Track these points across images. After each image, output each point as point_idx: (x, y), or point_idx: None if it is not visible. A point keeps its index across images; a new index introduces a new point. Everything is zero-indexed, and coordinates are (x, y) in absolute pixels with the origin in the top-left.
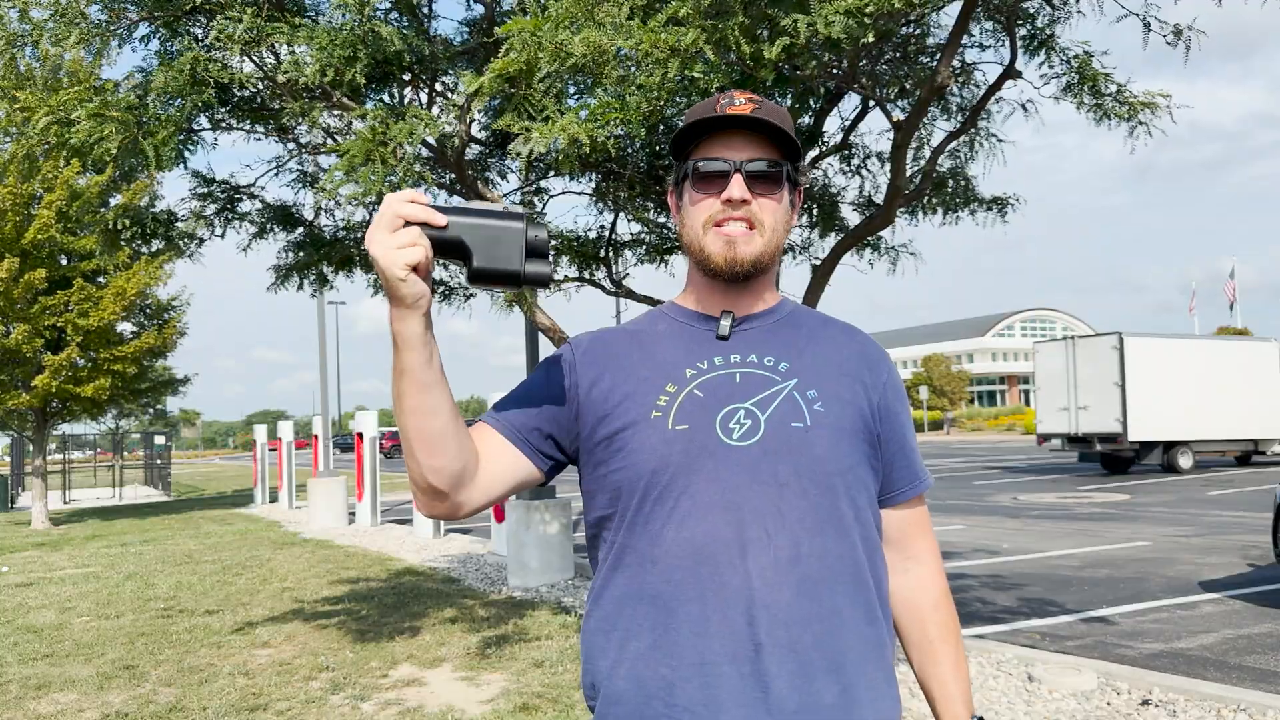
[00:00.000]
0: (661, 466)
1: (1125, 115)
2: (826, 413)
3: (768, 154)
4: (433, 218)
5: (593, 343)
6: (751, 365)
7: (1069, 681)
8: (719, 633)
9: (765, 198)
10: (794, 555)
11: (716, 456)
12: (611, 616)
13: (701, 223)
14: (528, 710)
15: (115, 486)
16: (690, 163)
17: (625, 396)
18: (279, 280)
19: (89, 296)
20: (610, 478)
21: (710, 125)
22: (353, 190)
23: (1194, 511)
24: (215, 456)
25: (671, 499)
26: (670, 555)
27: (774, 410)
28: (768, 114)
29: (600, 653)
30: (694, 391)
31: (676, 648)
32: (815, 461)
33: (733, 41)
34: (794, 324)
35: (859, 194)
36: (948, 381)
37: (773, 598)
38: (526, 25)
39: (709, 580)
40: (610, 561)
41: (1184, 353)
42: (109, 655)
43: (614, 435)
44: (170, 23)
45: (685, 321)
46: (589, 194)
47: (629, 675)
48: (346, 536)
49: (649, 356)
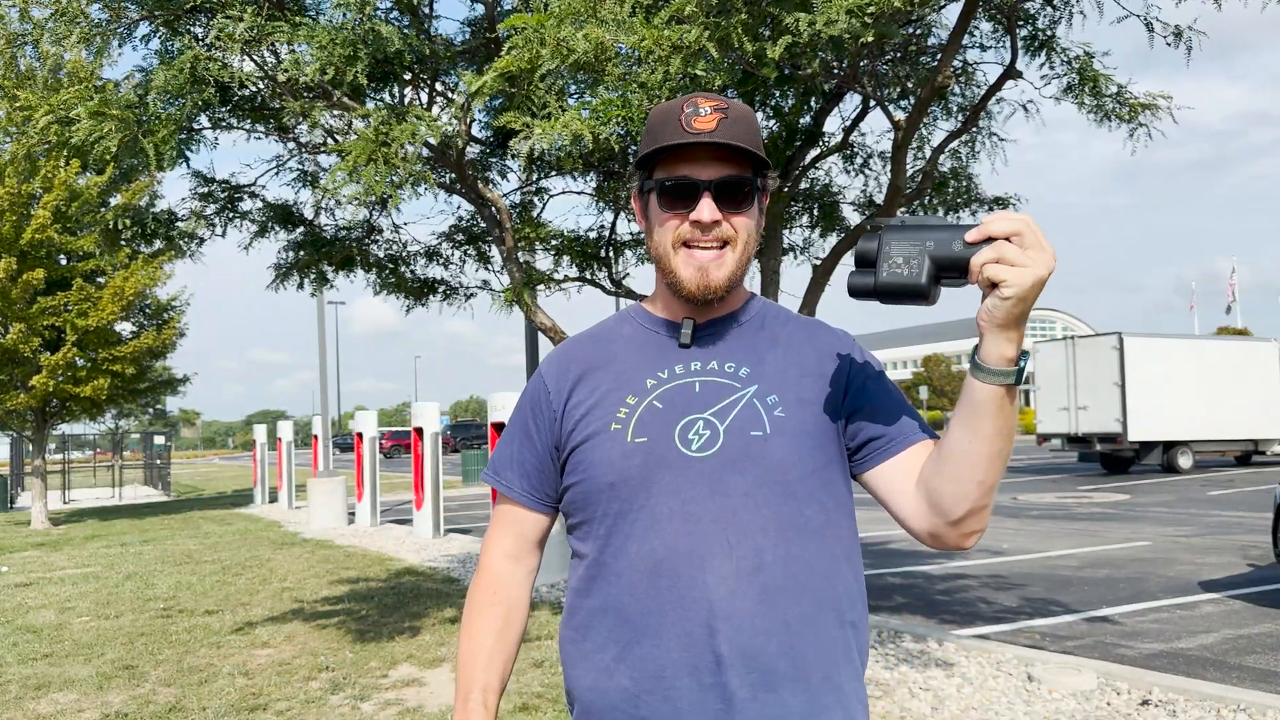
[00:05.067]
0: (621, 480)
1: (1126, 116)
2: (787, 418)
3: (736, 168)
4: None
5: (559, 362)
6: (711, 373)
7: (1069, 681)
8: (679, 644)
9: (735, 215)
10: (756, 564)
11: (675, 468)
12: (582, 627)
13: (670, 242)
14: (528, 710)
15: (115, 486)
16: (656, 180)
17: (589, 410)
18: (279, 279)
19: (88, 297)
20: (574, 490)
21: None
22: (354, 190)
23: (1194, 511)
24: (215, 456)
25: (632, 513)
26: (632, 569)
27: (733, 419)
28: (733, 126)
29: (572, 662)
30: (654, 403)
31: (639, 660)
32: (775, 469)
33: (735, 39)
34: (757, 327)
35: (859, 194)
36: (948, 381)
37: (733, 607)
38: (529, 21)
39: (668, 592)
40: (581, 573)
41: (1184, 353)
42: (109, 655)
43: (578, 448)
44: (170, 22)
45: (650, 328)
46: (589, 194)
47: (594, 686)
48: (346, 536)
49: (611, 366)
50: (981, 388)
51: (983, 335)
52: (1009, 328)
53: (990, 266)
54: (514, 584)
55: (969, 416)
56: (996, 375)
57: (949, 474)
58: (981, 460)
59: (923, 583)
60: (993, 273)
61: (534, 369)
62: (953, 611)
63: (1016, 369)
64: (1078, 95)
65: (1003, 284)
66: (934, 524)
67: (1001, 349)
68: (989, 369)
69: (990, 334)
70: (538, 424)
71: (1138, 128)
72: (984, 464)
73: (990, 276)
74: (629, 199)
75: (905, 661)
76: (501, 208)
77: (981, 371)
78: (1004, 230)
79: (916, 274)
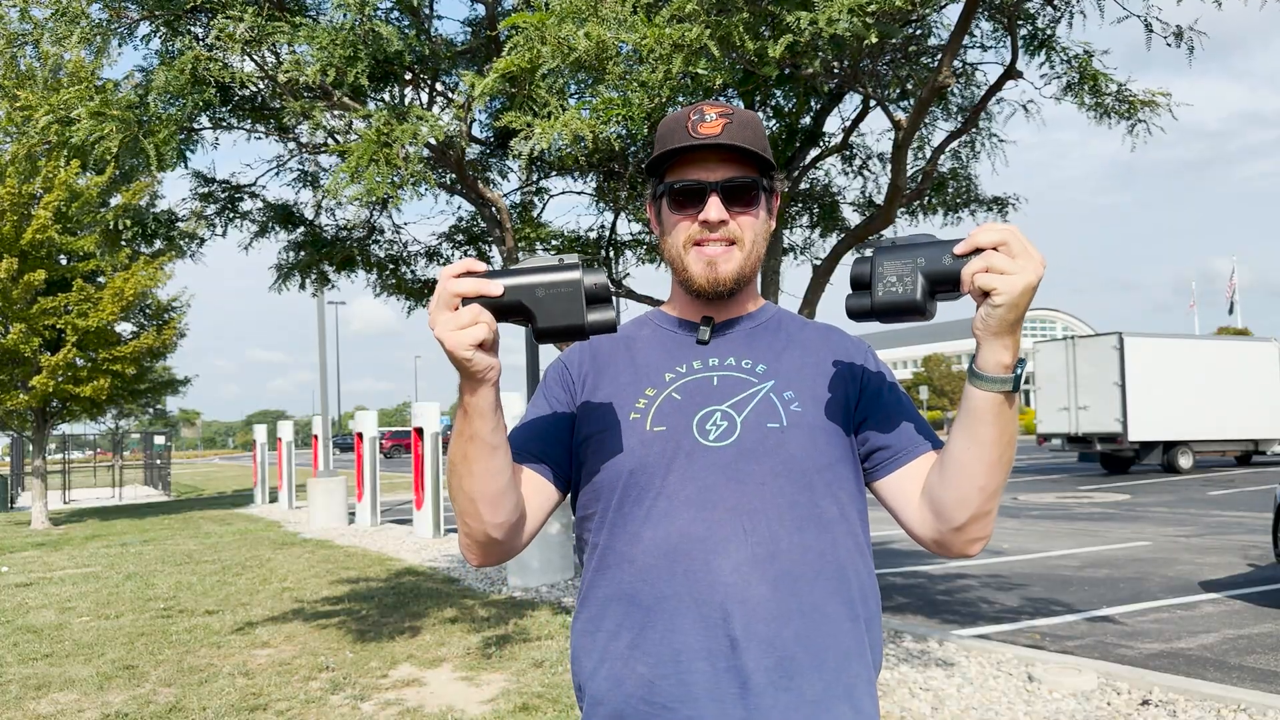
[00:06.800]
0: (639, 467)
1: (1125, 114)
2: (804, 413)
3: (742, 170)
4: (488, 289)
5: (581, 349)
6: (729, 368)
7: (1069, 681)
8: (693, 629)
9: (743, 214)
10: (772, 551)
11: (693, 457)
12: (596, 618)
13: (681, 243)
14: (528, 710)
15: (115, 486)
16: (666, 184)
17: (607, 399)
18: (281, 280)
19: (88, 297)
20: (591, 478)
21: (683, 150)
22: (356, 191)
23: (1194, 511)
24: (215, 456)
25: (648, 499)
26: (646, 554)
27: (750, 412)
28: (739, 130)
29: (585, 654)
30: (672, 394)
31: (653, 645)
32: (791, 461)
33: (736, 38)
34: (773, 328)
35: (859, 194)
36: (948, 381)
37: (748, 593)
38: (530, 20)
39: (683, 578)
40: (594, 563)
41: (1184, 353)
42: (109, 655)
43: (594, 436)
44: (171, 22)
45: (668, 328)
46: (589, 194)
47: (609, 675)
48: (346, 536)
49: (631, 360)
50: (981, 396)
51: (979, 344)
52: (1004, 335)
53: (981, 276)
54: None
55: (969, 424)
56: (995, 383)
57: (951, 481)
58: (982, 467)
59: (923, 583)
60: (983, 282)
61: (534, 369)
62: (953, 611)
63: (1014, 376)
64: (1077, 94)
65: (994, 292)
66: (938, 531)
67: (999, 356)
68: (988, 377)
69: (986, 342)
70: (556, 393)
71: (1137, 124)
72: (985, 471)
73: (981, 286)
74: (629, 199)
75: (905, 661)
76: (502, 208)
77: (980, 380)
78: (991, 240)
79: (911, 291)
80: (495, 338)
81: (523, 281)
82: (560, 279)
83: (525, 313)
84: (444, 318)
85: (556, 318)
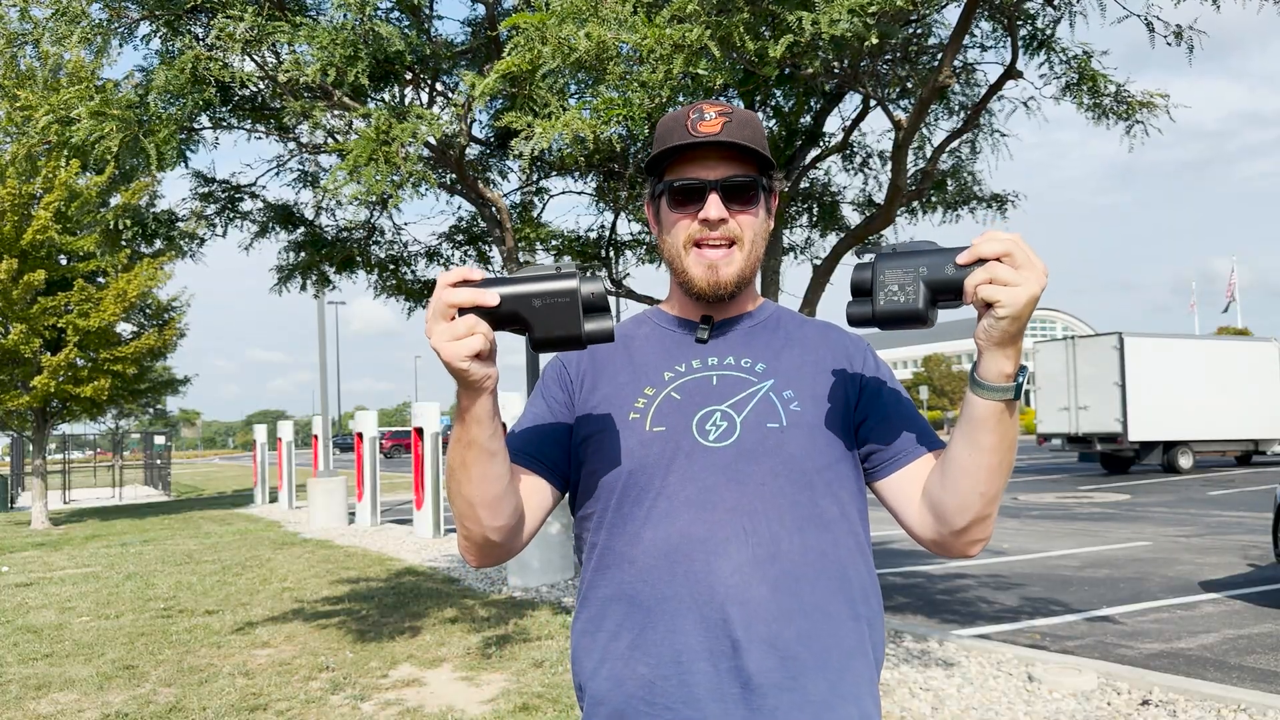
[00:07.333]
0: (638, 468)
1: (1123, 114)
2: (803, 412)
3: (742, 169)
4: (484, 299)
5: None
6: (728, 368)
7: (1069, 681)
8: (694, 630)
9: (743, 213)
10: (772, 552)
11: (692, 457)
12: (596, 618)
13: (681, 242)
14: (528, 710)
15: (115, 486)
16: (665, 182)
17: (605, 399)
18: (282, 281)
19: (89, 298)
20: (590, 478)
21: (683, 148)
22: (355, 190)
23: (1194, 511)
24: (215, 456)
25: (648, 500)
26: (647, 555)
27: (750, 412)
28: (739, 128)
29: (585, 654)
30: (671, 394)
31: (654, 646)
32: (791, 460)
33: (737, 38)
34: (773, 327)
35: (859, 194)
36: (948, 381)
37: (749, 594)
38: (531, 20)
39: (683, 578)
40: (593, 563)
41: (1184, 353)
42: (109, 655)
43: (593, 436)
44: (171, 21)
45: (666, 327)
46: (589, 194)
47: (610, 675)
48: (346, 536)
49: (629, 360)
50: (982, 403)
51: (981, 353)
52: (1006, 345)
53: (984, 288)
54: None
55: (970, 430)
56: (996, 391)
57: (951, 486)
58: (983, 473)
59: (923, 583)
60: (987, 293)
61: (534, 370)
62: (953, 611)
63: (1015, 384)
64: (1076, 95)
65: (997, 304)
66: (939, 533)
67: (1000, 365)
68: (989, 386)
69: (989, 352)
70: (555, 393)
71: (1134, 125)
72: (985, 476)
73: (985, 297)
74: (629, 199)
75: (906, 661)
76: (502, 208)
77: (981, 388)
78: (994, 251)
79: (913, 300)
80: (492, 347)
81: (519, 291)
82: (557, 288)
83: (522, 323)
84: (440, 328)
85: (553, 328)
